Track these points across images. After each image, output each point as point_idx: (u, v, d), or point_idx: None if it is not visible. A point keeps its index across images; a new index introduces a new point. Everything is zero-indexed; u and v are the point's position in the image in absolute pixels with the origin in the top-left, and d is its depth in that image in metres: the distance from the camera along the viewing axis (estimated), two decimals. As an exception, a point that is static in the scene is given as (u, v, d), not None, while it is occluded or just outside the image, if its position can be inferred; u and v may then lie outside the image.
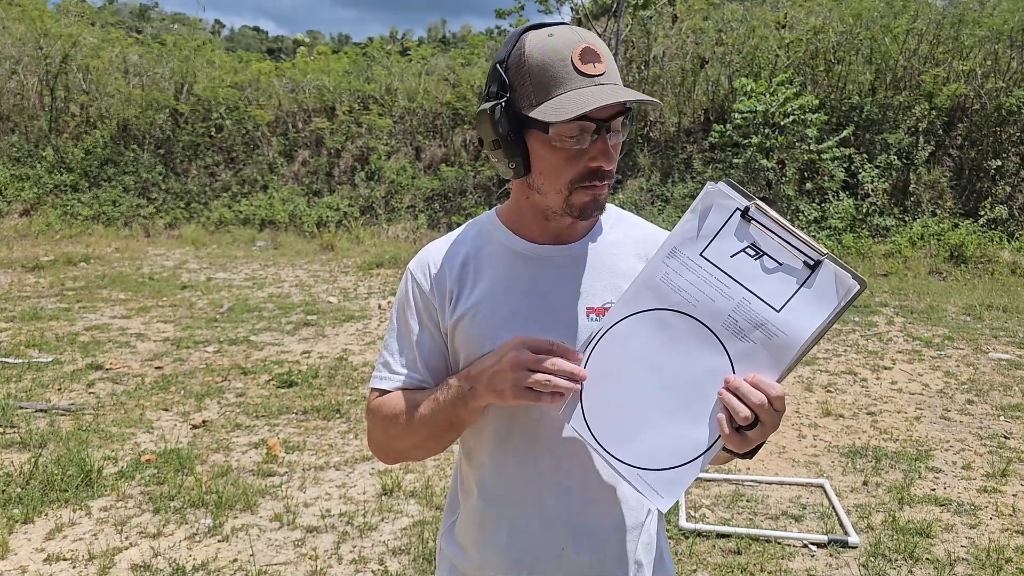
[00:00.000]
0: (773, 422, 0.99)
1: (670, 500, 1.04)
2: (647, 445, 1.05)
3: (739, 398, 0.99)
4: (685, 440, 1.03)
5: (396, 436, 1.23)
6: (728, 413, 1.00)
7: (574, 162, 1.11)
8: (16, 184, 14.91)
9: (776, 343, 1.00)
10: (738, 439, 1.00)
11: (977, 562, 3.20)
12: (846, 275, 0.98)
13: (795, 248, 1.01)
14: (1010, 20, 12.52)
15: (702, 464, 1.03)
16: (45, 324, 7.18)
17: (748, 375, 1.00)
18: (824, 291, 0.99)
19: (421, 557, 3.21)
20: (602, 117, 1.09)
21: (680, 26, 14.63)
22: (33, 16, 16.76)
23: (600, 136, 1.10)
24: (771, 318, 1.00)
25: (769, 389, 0.98)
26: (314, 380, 5.66)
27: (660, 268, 1.06)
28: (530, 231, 1.24)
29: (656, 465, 1.05)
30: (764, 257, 1.02)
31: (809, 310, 0.99)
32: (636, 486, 1.05)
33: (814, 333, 0.99)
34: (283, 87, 16.34)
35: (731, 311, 1.02)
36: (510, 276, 1.22)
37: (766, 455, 4.37)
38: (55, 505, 3.60)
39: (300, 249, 12.59)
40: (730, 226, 1.03)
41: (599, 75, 1.09)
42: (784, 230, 1.01)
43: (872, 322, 7.56)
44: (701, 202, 1.05)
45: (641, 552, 1.27)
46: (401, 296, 1.29)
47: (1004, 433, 4.71)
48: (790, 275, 1.00)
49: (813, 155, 11.71)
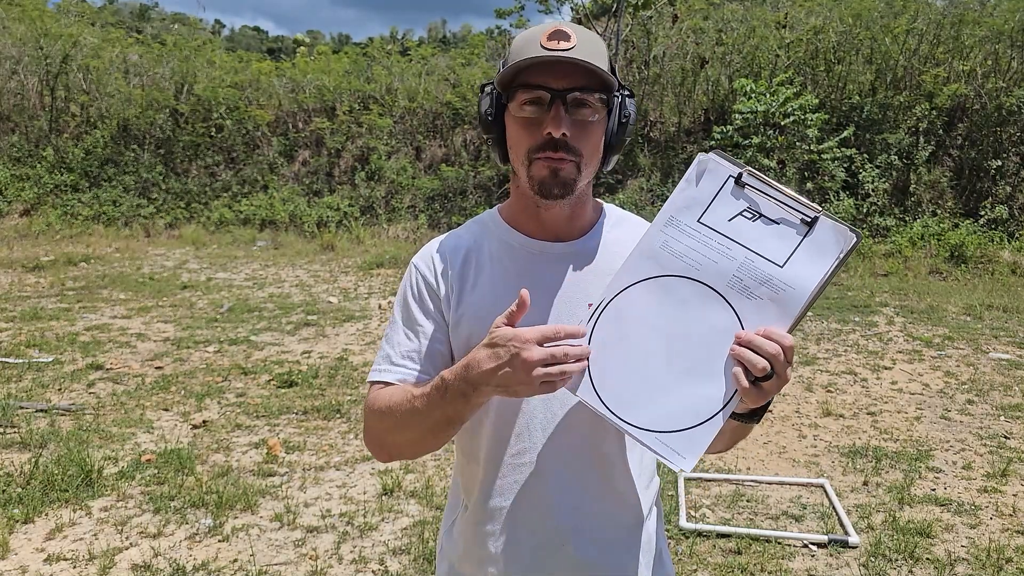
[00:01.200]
0: (786, 373, 1.01)
1: (692, 460, 1.05)
2: (663, 408, 1.06)
3: (753, 350, 1.01)
4: (701, 398, 1.04)
5: (391, 430, 1.20)
6: (744, 367, 1.01)
7: (531, 131, 1.13)
8: (16, 184, 14.91)
9: (783, 296, 1.03)
10: (755, 392, 1.02)
11: (977, 562, 3.20)
12: (843, 228, 1.02)
13: (791, 207, 1.04)
14: (1010, 20, 12.52)
15: (720, 420, 1.04)
16: (45, 324, 7.19)
17: (759, 328, 1.02)
18: (824, 244, 1.02)
19: (421, 557, 3.21)
20: (555, 87, 1.11)
21: (680, 26, 14.63)
22: (33, 16, 16.77)
23: (554, 105, 1.11)
24: (776, 273, 1.03)
25: (782, 339, 1.01)
26: (314, 380, 5.66)
27: (658, 236, 1.07)
28: (528, 226, 1.25)
29: (674, 427, 1.05)
30: (762, 218, 1.04)
31: (812, 263, 1.02)
32: (656, 449, 1.06)
33: (819, 284, 1.02)
34: (283, 87, 16.34)
35: (735, 271, 1.04)
36: (511, 271, 1.23)
37: (766, 455, 4.37)
38: (55, 505, 3.60)
39: (300, 249, 12.59)
40: (725, 191, 1.05)
41: (561, 49, 1.10)
42: (778, 191, 1.04)
43: (872, 322, 7.56)
44: (694, 170, 1.07)
45: (641, 550, 1.27)
46: (405, 289, 1.29)
47: (1004, 433, 4.71)
48: (789, 232, 1.03)
49: (813, 155, 11.71)
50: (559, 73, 1.11)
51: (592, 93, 1.12)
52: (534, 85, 1.11)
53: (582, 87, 1.11)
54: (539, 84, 1.11)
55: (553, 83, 1.11)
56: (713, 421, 1.04)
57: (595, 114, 1.14)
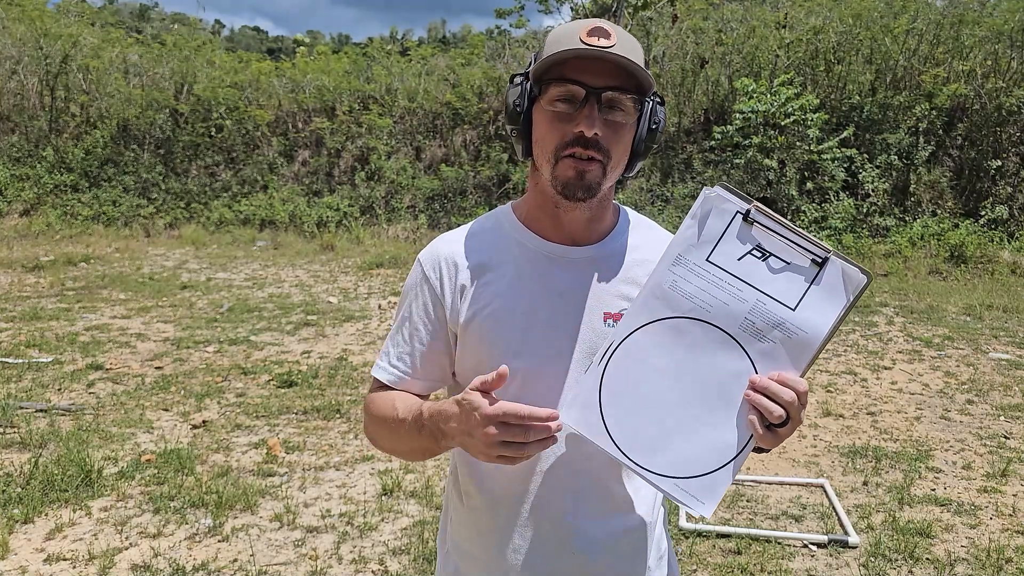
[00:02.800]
0: (800, 418, 1.01)
1: (711, 505, 1.04)
2: (679, 453, 1.04)
3: (769, 397, 1.00)
4: (716, 444, 1.04)
5: (380, 437, 1.28)
6: (759, 413, 1.01)
7: (561, 127, 1.11)
8: (16, 184, 14.91)
9: (796, 340, 1.02)
10: (770, 437, 1.02)
11: (977, 562, 3.20)
12: (854, 269, 1.01)
13: (800, 247, 1.02)
14: (1010, 20, 12.51)
15: (737, 466, 1.04)
16: (45, 324, 7.18)
17: (773, 374, 1.01)
18: (835, 286, 1.01)
19: (421, 557, 3.21)
20: (592, 85, 1.08)
21: (680, 26, 14.63)
22: (33, 16, 16.76)
23: (588, 102, 1.08)
24: (788, 317, 1.02)
25: (797, 385, 1.00)
26: (314, 380, 5.66)
27: (667, 276, 1.05)
28: (545, 228, 1.21)
29: (691, 472, 1.04)
30: (771, 258, 1.02)
31: (823, 305, 1.01)
32: (675, 495, 1.05)
33: (831, 327, 1.01)
34: (283, 87, 16.33)
35: (747, 313, 1.02)
36: (526, 274, 1.20)
37: (766, 455, 4.37)
38: (55, 505, 3.60)
39: (300, 249, 12.59)
40: (732, 229, 1.03)
41: (601, 46, 1.07)
42: (787, 229, 1.02)
43: (872, 322, 7.56)
44: (700, 208, 1.04)
45: (646, 552, 1.27)
46: (409, 288, 1.27)
47: (1004, 433, 4.71)
48: (799, 273, 1.02)
49: (813, 155, 11.71)
50: (597, 70, 1.08)
51: (627, 94, 1.10)
52: (570, 80, 1.09)
53: (618, 87, 1.09)
54: (575, 79, 1.08)
55: (590, 80, 1.08)
56: (730, 466, 1.04)
57: (627, 117, 1.12)
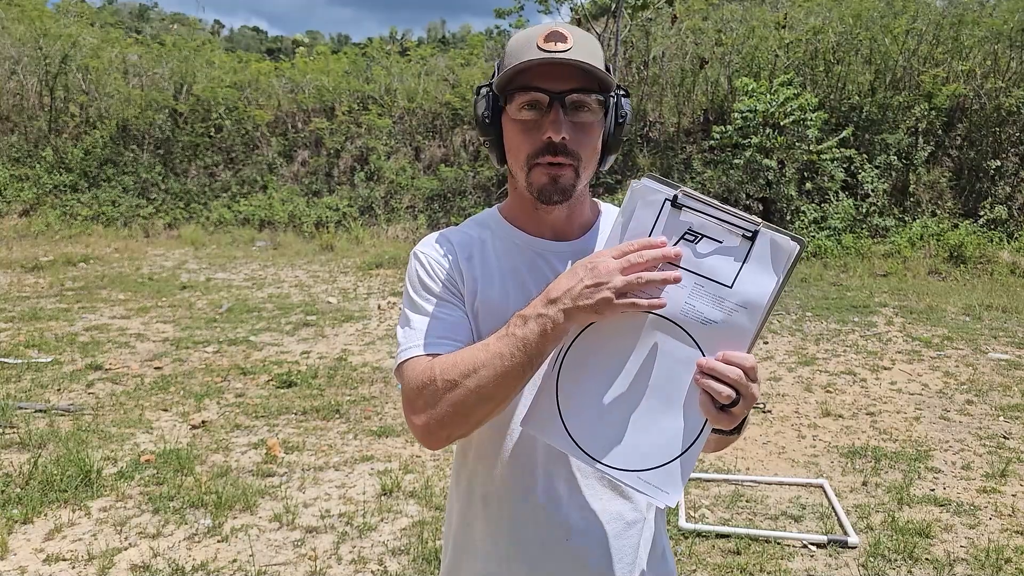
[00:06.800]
0: (752, 393, 1.01)
1: (676, 495, 1.05)
2: (637, 446, 1.06)
3: (716, 378, 1.00)
4: (673, 432, 1.05)
5: (451, 387, 1.08)
6: (709, 395, 1.01)
7: (530, 136, 1.12)
8: (16, 184, 14.91)
9: (737, 317, 1.02)
10: (725, 418, 1.02)
11: (976, 562, 3.20)
12: (784, 238, 1.01)
13: (730, 224, 1.02)
14: (1010, 20, 12.52)
15: (696, 452, 1.05)
16: (44, 324, 7.18)
17: (718, 354, 1.02)
18: (768, 257, 1.02)
19: (421, 557, 3.21)
20: (554, 90, 1.10)
21: (679, 26, 14.63)
22: (33, 16, 16.76)
23: (553, 108, 1.10)
24: (726, 295, 1.02)
25: (743, 361, 1.00)
26: (313, 380, 5.66)
27: None
28: (529, 225, 1.24)
29: (651, 464, 1.05)
30: (703, 239, 1.03)
31: (760, 278, 1.02)
32: (638, 488, 1.06)
33: (770, 299, 1.01)
34: (282, 87, 16.34)
35: (686, 298, 1.03)
36: (520, 268, 1.22)
37: (765, 455, 4.37)
38: (54, 505, 3.60)
39: (299, 249, 12.59)
40: (663, 217, 1.04)
41: (558, 51, 1.09)
42: (715, 209, 1.03)
43: (872, 322, 7.56)
44: (629, 202, 1.05)
45: (643, 548, 1.28)
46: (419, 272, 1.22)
47: (1004, 433, 4.71)
48: (732, 250, 1.02)
49: (813, 155, 11.72)
50: (557, 75, 1.10)
51: (590, 94, 1.11)
52: (532, 88, 1.10)
53: (580, 88, 1.11)
54: (537, 87, 1.10)
55: (551, 86, 1.10)
56: (689, 453, 1.05)
57: (593, 116, 1.14)
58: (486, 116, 1.17)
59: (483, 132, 1.19)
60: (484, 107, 1.17)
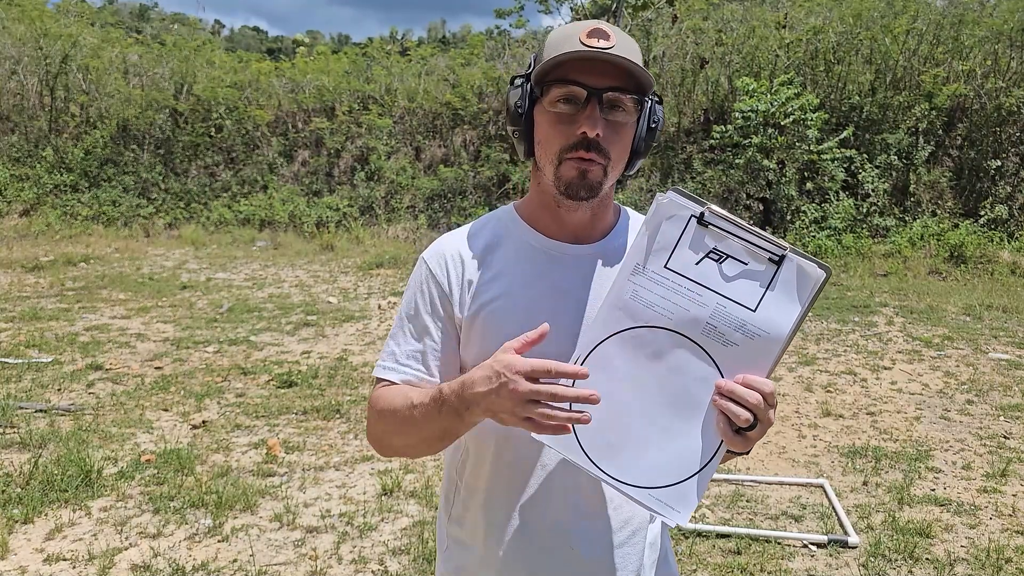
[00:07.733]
0: (769, 418, 1.01)
1: (686, 514, 1.04)
2: (650, 464, 1.04)
3: (735, 401, 1.00)
4: (687, 451, 1.03)
5: (389, 433, 1.21)
6: (727, 417, 1.00)
7: (564, 130, 1.12)
8: (16, 184, 14.90)
9: (759, 341, 1.01)
10: (740, 440, 1.01)
11: (977, 562, 3.20)
12: (812, 265, 1.00)
13: (757, 246, 1.01)
14: (1010, 20, 12.51)
15: (711, 472, 1.04)
16: (45, 324, 7.18)
17: (738, 376, 1.01)
18: (794, 283, 1.00)
19: (421, 557, 3.21)
20: (594, 86, 1.10)
21: (680, 26, 14.63)
22: (33, 16, 16.75)
23: (590, 103, 1.10)
24: (749, 318, 1.01)
25: (762, 386, 1.00)
26: (314, 380, 5.66)
27: (627, 287, 1.04)
28: (547, 226, 1.23)
29: (663, 482, 1.04)
30: (728, 260, 1.02)
31: (784, 304, 1.00)
32: (650, 506, 1.05)
33: (793, 326, 1.00)
34: (283, 87, 16.33)
35: (708, 318, 1.01)
36: (530, 271, 1.21)
37: (766, 455, 4.37)
38: (55, 505, 3.60)
39: (300, 249, 12.59)
40: (688, 234, 1.02)
41: (601, 48, 1.08)
42: (742, 230, 1.01)
43: (872, 322, 7.56)
44: (654, 215, 1.04)
45: (647, 551, 1.27)
46: (414, 286, 1.26)
47: (1004, 433, 4.71)
48: (757, 273, 1.01)
49: (813, 155, 11.71)
50: (597, 71, 1.10)
51: (627, 94, 1.11)
52: (572, 81, 1.10)
53: (619, 87, 1.10)
54: (576, 80, 1.10)
55: (591, 80, 1.09)
56: (703, 473, 1.04)
57: (628, 116, 1.13)
58: (519, 106, 1.16)
59: (513, 122, 1.18)
60: (518, 97, 1.16)
